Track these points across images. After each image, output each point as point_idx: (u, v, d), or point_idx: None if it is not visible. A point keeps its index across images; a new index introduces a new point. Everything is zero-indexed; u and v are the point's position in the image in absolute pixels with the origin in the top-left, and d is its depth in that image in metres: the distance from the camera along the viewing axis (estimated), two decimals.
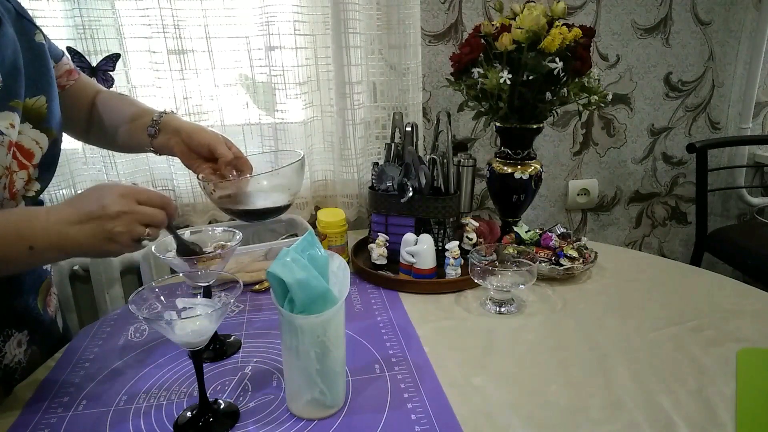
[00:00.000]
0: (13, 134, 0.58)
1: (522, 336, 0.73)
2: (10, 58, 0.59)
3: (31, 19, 0.66)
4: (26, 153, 0.62)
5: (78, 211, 0.53)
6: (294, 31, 1.05)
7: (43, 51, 0.65)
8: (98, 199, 0.53)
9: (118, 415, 0.57)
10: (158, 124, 0.73)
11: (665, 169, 1.57)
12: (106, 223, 0.52)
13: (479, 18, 1.26)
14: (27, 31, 0.64)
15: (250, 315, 0.81)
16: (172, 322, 0.49)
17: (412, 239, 0.88)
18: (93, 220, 0.52)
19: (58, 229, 0.52)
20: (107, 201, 0.53)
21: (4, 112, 0.57)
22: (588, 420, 0.55)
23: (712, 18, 1.43)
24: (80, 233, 0.52)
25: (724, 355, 0.66)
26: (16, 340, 0.66)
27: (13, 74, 0.59)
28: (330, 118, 1.16)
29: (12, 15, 0.62)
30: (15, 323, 0.66)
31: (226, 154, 0.73)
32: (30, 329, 0.69)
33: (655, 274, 0.92)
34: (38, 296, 0.70)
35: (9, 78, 0.58)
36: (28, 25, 0.65)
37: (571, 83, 0.90)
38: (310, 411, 0.56)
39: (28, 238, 0.51)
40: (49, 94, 0.65)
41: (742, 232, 1.53)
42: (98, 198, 0.53)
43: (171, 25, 0.99)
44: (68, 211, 0.53)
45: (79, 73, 0.78)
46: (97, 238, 0.53)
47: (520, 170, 0.98)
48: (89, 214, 0.52)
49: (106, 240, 0.53)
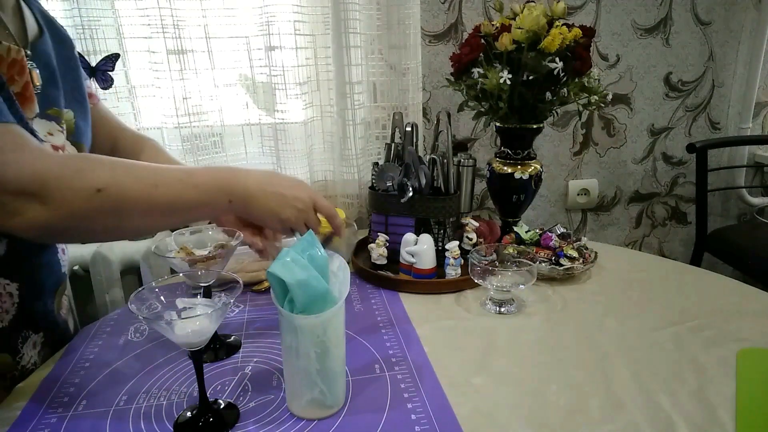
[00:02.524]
0: (55, 140, 0.59)
1: (522, 336, 0.73)
2: (49, 66, 0.61)
3: (67, 34, 0.70)
4: None
5: (273, 184, 0.63)
6: (294, 31, 1.05)
7: (78, 66, 0.68)
8: (293, 187, 0.64)
9: (118, 415, 0.57)
10: None
11: (665, 169, 1.57)
12: (287, 205, 0.63)
13: (479, 18, 1.26)
14: (66, 43, 0.68)
15: (250, 315, 0.80)
16: (172, 322, 0.49)
17: (412, 239, 0.88)
18: (280, 197, 0.63)
19: (257, 187, 0.62)
20: (301, 194, 0.64)
21: (42, 120, 0.58)
22: (588, 420, 0.55)
23: (712, 18, 1.43)
24: (268, 199, 0.62)
25: (724, 355, 0.66)
26: (32, 342, 0.67)
27: (52, 81, 0.61)
28: (330, 118, 1.16)
29: (53, 26, 0.66)
30: (33, 325, 0.67)
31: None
32: (45, 331, 0.69)
33: (655, 274, 0.92)
34: (55, 299, 0.71)
35: (48, 85, 0.60)
36: (67, 38, 0.69)
37: (571, 83, 0.90)
38: (310, 411, 0.56)
39: (228, 192, 0.60)
40: (77, 110, 0.67)
41: (742, 232, 1.53)
42: (294, 187, 0.65)
43: (170, 25, 0.99)
44: (266, 178, 0.63)
45: (99, 100, 0.79)
46: (277, 205, 0.63)
47: (520, 170, 0.98)
48: (281, 195, 0.63)
49: (281, 207, 0.63)
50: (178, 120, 1.05)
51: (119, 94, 1.02)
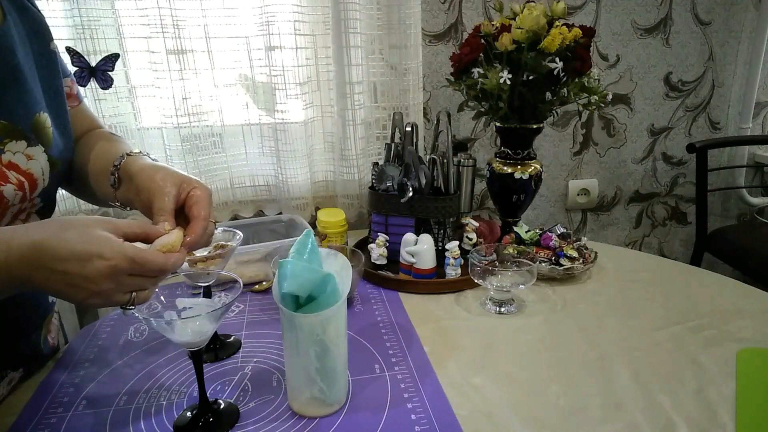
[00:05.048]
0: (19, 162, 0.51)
1: (522, 336, 0.73)
2: (8, 62, 0.52)
3: (46, 26, 0.60)
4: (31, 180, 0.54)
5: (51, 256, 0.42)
6: (294, 31, 1.05)
7: (55, 61, 0.61)
8: (79, 259, 0.42)
9: (118, 415, 0.57)
10: (118, 170, 0.58)
11: (665, 169, 1.57)
12: (83, 287, 0.43)
13: (479, 18, 1.26)
14: (43, 36, 0.59)
15: (250, 315, 0.80)
16: (172, 322, 0.49)
17: (412, 239, 0.88)
18: (68, 277, 0.43)
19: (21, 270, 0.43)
20: (89, 271, 0.42)
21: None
22: (588, 420, 0.55)
23: (712, 18, 1.43)
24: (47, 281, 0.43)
25: (724, 355, 0.66)
26: (8, 379, 0.63)
27: (11, 81, 0.52)
28: (330, 118, 1.16)
29: (26, 14, 0.58)
30: (12, 364, 0.63)
31: (157, 221, 0.51)
32: (26, 366, 0.66)
33: (655, 274, 0.92)
34: (42, 330, 0.67)
35: (6, 87, 0.51)
36: (46, 30, 0.60)
37: (571, 83, 0.90)
38: (310, 408, 0.56)
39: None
40: (52, 114, 0.58)
41: (742, 232, 1.53)
42: (81, 257, 0.42)
43: (170, 25, 0.99)
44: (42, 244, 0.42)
45: (81, 101, 0.69)
46: (66, 287, 0.44)
47: (520, 170, 0.98)
48: (65, 273, 0.42)
49: (74, 289, 0.44)
50: (177, 120, 1.05)
51: (119, 94, 1.02)
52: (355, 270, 0.67)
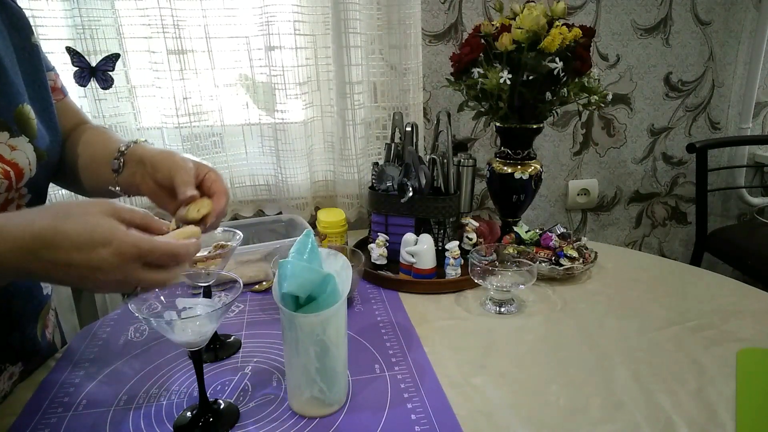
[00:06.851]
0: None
1: (522, 336, 0.73)
2: None
3: (26, 20, 0.60)
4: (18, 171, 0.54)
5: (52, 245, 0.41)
6: (294, 31, 1.05)
7: (38, 55, 0.60)
8: (83, 247, 0.41)
9: (118, 415, 0.57)
10: (124, 155, 0.60)
11: (665, 169, 1.57)
12: (89, 275, 0.42)
13: (479, 18, 1.26)
14: (22, 31, 0.59)
15: (250, 315, 0.81)
16: (172, 322, 0.49)
17: (412, 239, 0.88)
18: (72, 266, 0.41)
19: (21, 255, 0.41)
20: (95, 259, 0.41)
21: None
22: (588, 420, 0.55)
23: (712, 18, 1.43)
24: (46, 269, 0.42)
25: (724, 355, 0.66)
26: (8, 374, 0.63)
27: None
28: (330, 118, 1.16)
29: (4, 8, 0.57)
30: (10, 357, 0.63)
31: (185, 192, 0.54)
32: (25, 361, 0.65)
33: (655, 274, 0.92)
34: (37, 323, 0.67)
35: None
36: (26, 24, 0.60)
37: (571, 83, 0.90)
38: (310, 408, 0.56)
39: None
40: (36, 107, 0.58)
41: (742, 232, 1.53)
42: (85, 245, 0.41)
43: (171, 25, 0.99)
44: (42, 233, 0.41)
45: (66, 94, 0.69)
46: (77, 279, 0.43)
47: (520, 170, 0.98)
48: (68, 260, 0.41)
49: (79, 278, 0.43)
50: (178, 120, 1.05)
51: (119, 94, 1.02)
52: (355, 270, 0.67)
